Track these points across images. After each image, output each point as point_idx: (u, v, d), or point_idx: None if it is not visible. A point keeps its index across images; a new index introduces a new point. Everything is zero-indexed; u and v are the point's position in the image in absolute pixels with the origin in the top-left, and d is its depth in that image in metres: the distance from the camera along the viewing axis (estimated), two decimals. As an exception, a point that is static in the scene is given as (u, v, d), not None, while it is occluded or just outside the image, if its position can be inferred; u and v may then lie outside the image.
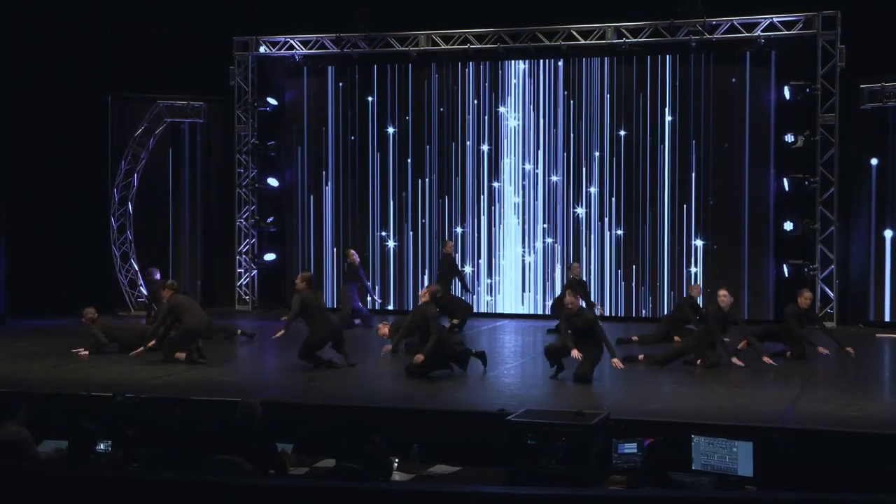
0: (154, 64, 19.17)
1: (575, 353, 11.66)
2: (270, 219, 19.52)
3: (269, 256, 19.58)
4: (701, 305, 15.42)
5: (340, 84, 19.22)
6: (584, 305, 13.14)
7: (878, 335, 16.00)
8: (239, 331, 15.35)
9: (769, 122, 17.57)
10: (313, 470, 8.97)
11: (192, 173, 19.89)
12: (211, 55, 19.23)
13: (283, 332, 12.83)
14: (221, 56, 19.30)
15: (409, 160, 18.95)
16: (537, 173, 18.52)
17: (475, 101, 18.67)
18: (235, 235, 19.54)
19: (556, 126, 18.40)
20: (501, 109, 18.61)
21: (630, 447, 8.82)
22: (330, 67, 19.33)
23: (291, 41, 19.32)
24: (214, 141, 19.97)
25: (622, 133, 18.09)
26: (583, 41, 18.12)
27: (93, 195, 19.21)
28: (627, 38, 17.90)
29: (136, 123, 19.19)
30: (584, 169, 18.30)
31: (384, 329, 13.90)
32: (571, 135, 18.31)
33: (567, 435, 8.51)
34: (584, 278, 17.57)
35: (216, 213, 19.95)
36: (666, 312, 16.91)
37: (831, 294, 17.09)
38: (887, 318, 16.95)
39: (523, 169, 18.59)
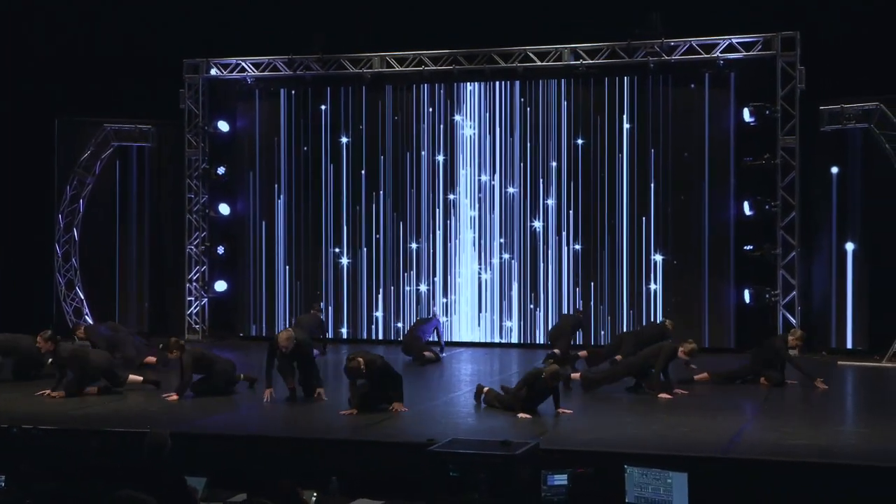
0: (102, 86, 18.75)
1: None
2: (220, 248, 19.02)
3: (221, 285, 19.10)
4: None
5: (293, 106, 18.84)
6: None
7: (839, 363, 15.65)
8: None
9: (729, 144, 17.29)
10: (228, 506, 8.52)
11: (140, 199, 19.47)
12: (160, 77, 18.82)
13: (175, 396, 12.16)
14: (171, 78, 18.90)
15: (363, 171, 18.56)
16: (493, 185, 18.15)
17: (430, 109, 18.33)
18: (185, 262, 19.07)
19: (512, 135, 18.05)
20: (457, 118, 18.27)
21: (560, 479, 8.42)
22: (282, 90, 18.97)
23: (243, 63, 18.97)
24: (164, 165, 19.55)
25: (580, 142, 17.73)
26: (539, 62, 17.82)
27: (37, 221, 18.74)
28: (584, 59, 17.61)
29: (82, 147, 18.77)
30: (541, 180, 17.91)
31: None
32: (528, 144, 17.95)
33: (490, 466, 8.08)
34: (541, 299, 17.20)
35: (166, 240, 19.51)
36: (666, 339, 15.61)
37: (793, 321, 16.72)
38: (849, 345, 16.60)
39: (479, 180, 18.21)
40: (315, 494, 8.64)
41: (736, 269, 17.30)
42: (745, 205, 17.06)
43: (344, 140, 18.66)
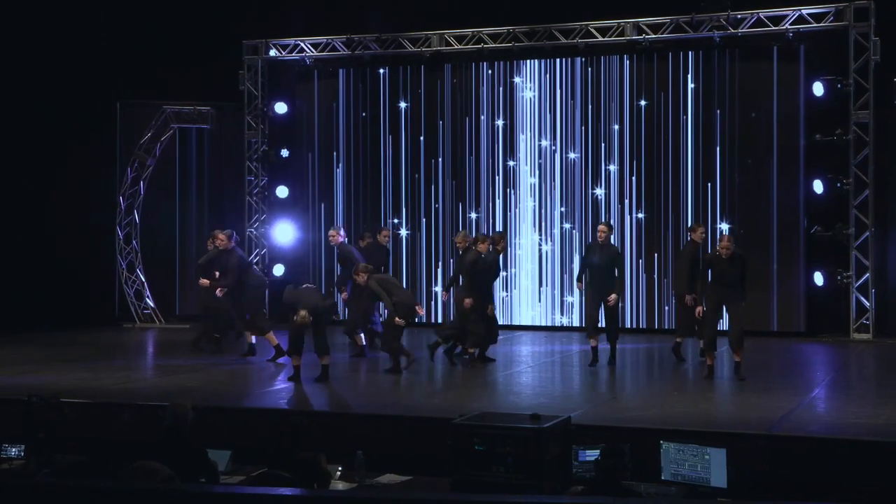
0: (161, 69, 18.76)
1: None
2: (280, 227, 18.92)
3: (279, 269, 18.99)
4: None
5: (351, 87, 18.65)
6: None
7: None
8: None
9: (798, 120, 16.65)
10: (249, 479, 8.32)
11: (200, 181, 19.47)
12: (219, 59, 18.78)
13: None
14: (230, 60, 18.84)
15: (422, 138, 18.29)
16: (554, 150, 17.71)
17: (489, 72, 17.98)
18: (245, 245, 18.99)
19: (573, 97, 17.59)
20: (517, 80, 17.88)
21: (592, 454, 8.03)
22: (341, 70, 18.79)
23: (302, 43, 18.84)
24: (223, 147, 19.52)
25: (643, 103, 17.23)
26: (601, 38, 17.36)
27: (99, 204, 18.82)
28: (647, 34, 17.10)
29: (143, 130, 18.81)
30: (603, 144, 17.44)
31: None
32: (590, 106, 17.48)
33: (517, 440, 7.75)
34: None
35: (225, 223, 19.38)
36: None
37: (867, 304, 16.04)
38: (927, 330, 15.89)
39: (539, 146, 17.79)
40: (340, 468, 8.41)
41: (806, 250, 16.66)
42: (816, 183, 16.44)
43: (402, 105, 18.41)
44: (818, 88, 16.40)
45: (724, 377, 11.88)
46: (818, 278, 16.52)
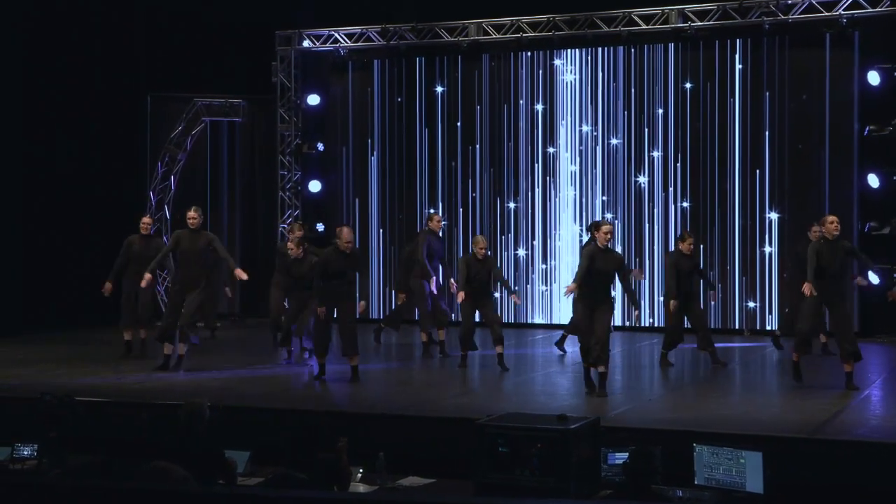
0: (193, 60, 18.82)
1: None
2: (320, 226, 18.87)
3: (313, 264, 18.96)
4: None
5: (387, 78, 18.61)
6: None
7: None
8: None
9: (852, 110, 16.35)
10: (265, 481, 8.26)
11: (231, 175, 19.51)
12: (251, 50, 18.81)
13: None
14: (262, 51, 18.85)
15: (459, 124, 18.18)
16: (595, 135, 17.52)
17: (528, 54, 17.84)
18: (278, 241, 18.98)
19: (615, 80, 17.42)
20: (557, 62, 17.73)
21: (622, 457, 7.90)
22: (376, 61, 18.74)
23: (336, 34, 18.80)
24: (255, 141, 19.54)
25: (688, 86, 17.02)
26: (644, 26, 17.16)
27: (130, 198, 18.89)
28: (693, 21, 16.88)
29: (174, 123, 18.88)
30: (646, 129, 17.23)
31: None
32: (633, 89, 17.28)
33: (543, 441, 7.63)
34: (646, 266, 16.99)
35: (258, 218, 19.48)
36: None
37: (923, 303, 15.68)
38: None
39: (580, 131, 17.61)
40: (361, 470, 8.34)
41: (860, 247, 16.30)
42: (871, 177, 16.14)
43: (439, 90, 18.32)
44: (873, 77, 16.08)
45: (772, 379, 11.67)
46: (873, 277, 16.18)
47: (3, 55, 17.22)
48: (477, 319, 13.18)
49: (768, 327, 16.30)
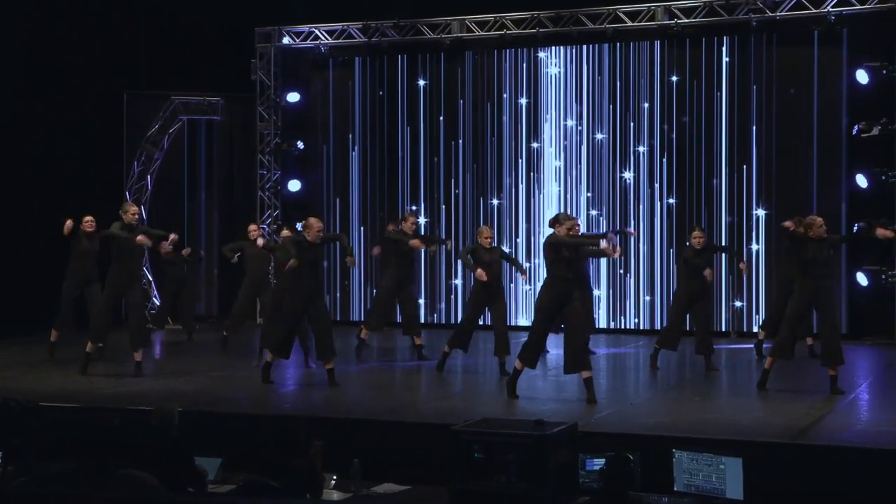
0: (170, 57, 18.73)
1: None
2: (299, 226, 18.78)
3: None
4: None
5: (368, 75, 18.57)
6: None
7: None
8: None
9: (840, 108, 16.36)
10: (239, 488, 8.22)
11: (209, 175, 19.44)
12: (229, 47, 18.73)
13: None
14: (240, 48, 18.78)
15: (442, 118, 18.15)
16: (580, 130, 17.50)
17: (511, 50, 17.84)
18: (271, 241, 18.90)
19: (600, 73, 17.41)
20: (541, 55, 17.72)
21: (599, 463, 7.88)
22: (357, 58, 18.69)
23: (316, 31, 18.75)
24: (234, 140, 19.48)
25: (674, 79, 17.02)
26: (630, 23, 17.16)
27: (106, 198, 18.78)
28: (680, 18, 16.88)
29: (150, 122, 18.80)
30: (631, 124, 17.23)
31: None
32: (618, 82, 17.28)
33: (518, 447, 7.60)
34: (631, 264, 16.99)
35: (236, 218, 19.39)
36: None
37: (912, 306, 15.74)
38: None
39: (565, 126, 17.60)
40: (335, 477, 8.31)
41: (848, 248, 16.36)
42: (860, 177, 16.15)
43: (421, 83, 18.29)
44: (862, 76, 16.10)
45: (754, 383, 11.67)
46: (861, 278, 16.24)
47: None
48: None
49: (755, 329, 16.29)
